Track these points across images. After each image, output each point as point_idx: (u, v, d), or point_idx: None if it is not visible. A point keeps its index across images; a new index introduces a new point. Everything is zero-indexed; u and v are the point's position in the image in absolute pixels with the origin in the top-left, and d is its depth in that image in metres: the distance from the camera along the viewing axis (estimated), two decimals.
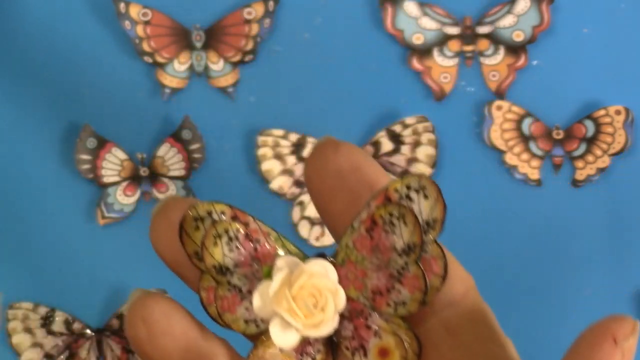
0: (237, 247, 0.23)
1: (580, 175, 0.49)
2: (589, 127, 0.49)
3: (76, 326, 0.50)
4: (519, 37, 0.49)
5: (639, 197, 0.49)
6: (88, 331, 0.50)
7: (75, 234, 0.50)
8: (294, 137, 0.49)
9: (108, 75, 0.50)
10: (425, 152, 0.49)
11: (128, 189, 0.50)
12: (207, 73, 0.50)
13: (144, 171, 0.50)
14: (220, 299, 0.23)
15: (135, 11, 0.49)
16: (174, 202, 0.24)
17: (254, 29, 0.49)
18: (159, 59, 0.49)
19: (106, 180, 0.50)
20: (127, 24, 0.49)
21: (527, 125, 0.49)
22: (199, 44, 0.49)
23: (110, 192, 0.50)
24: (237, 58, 0.50)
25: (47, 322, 0.50)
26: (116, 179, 0.50)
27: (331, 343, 0.24)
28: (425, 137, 0.49)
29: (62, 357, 0.50)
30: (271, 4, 0.49)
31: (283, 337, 0.23)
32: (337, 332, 0.24)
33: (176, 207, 0.24)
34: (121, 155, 0.50)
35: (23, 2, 0.49)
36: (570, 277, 0.49)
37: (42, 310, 0.50)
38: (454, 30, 0.49)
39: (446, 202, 0.23)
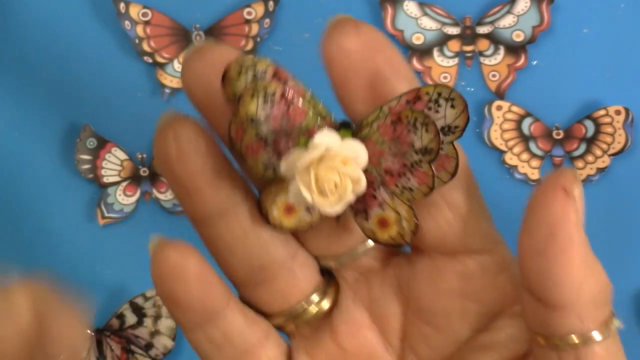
0: (271, 105, 0.24)
1: (580, 175, 0.49)
2: (589, 127, 0.49)
3: None
4: (519, 37, 0.49)
5: (639, 197, 0.49)
6: (88, 331, 0.50)
7: (76, 234, 0.50)
8: None
9: (108, 75, 0.50)
10: None
11: (128, 189, 0.50)
12: None
13: (144, 171, 0.50)
14: (245, 145, 0.25)
15: (135, 11, 0.49)
16: (210, 47, 0.25)
17: (254, 29, 0.49)
18: (159, 59, 0.49)
19: (106, 180, 0.50)
20: (127, 24, 0.49)
21: (527, 125, 0.49)
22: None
23: (110, 192, 0.50)
24: None
25: None
26: (116, 179, 0.50)
27: None
28: None
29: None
30: (271, 4, 0.49)
31: (298, 199, 0.25)
32: None
33: (213, 50, 0.25)
34: (121, 155, 0.50)
35: (23, 2, 0.49)
36: None
37: None
38: (454, 30, 0.49)
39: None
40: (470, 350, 0.26)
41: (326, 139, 0.24)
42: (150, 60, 0.49)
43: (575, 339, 0.23)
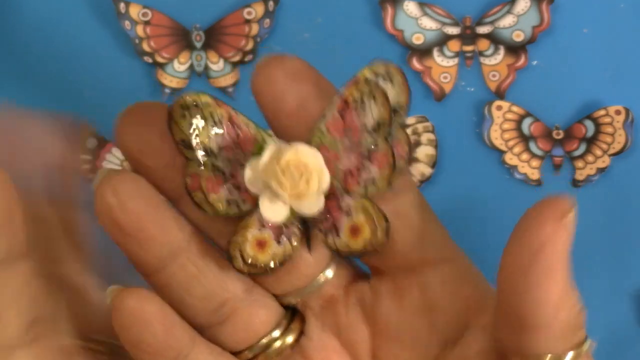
0: (220, 130, 0.25)
1: (580, 175, 0.49)
2: (589, 127, 0.49)
3: None
4: (519, 37, 0.49)
5: (639, 197, 0.49)
6: None
7: None
8: None
9: (108, 75, 0.50)
10: (425, 152, 0.49)
11: None
12: (207, 73, 0.50)
13: None
14: (205, 180, 0.25)
15: (135, 11, 0.49)
16: (138, 107, 0.26)
17: (254, 29, 0.49)
18: (159, 59, 0.49)
19: None
20: (127, 24, 0.49)
21: (527, 125, 0.49)
22: (198, 44, 0.49)
23: None
24: (237, 58, 0.50)
25: None
26: None
27: (306, 229, 0.26)
28: (425, 137, 0.49)
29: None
30: (271, 4, 0.49)
31: (271, 211, 0.25)
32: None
33: (140, 110, 0.26)
34: (121, 155, 0.50)
35: (23, 2, 0.49)
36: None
37: None
38: (454, 30, 0.49)
39: (412, 92, 0.25)
40: None
41: (278, 141, 0.25)
42: (150, 60, 0.49)
43: (549, 358, 0.24)
